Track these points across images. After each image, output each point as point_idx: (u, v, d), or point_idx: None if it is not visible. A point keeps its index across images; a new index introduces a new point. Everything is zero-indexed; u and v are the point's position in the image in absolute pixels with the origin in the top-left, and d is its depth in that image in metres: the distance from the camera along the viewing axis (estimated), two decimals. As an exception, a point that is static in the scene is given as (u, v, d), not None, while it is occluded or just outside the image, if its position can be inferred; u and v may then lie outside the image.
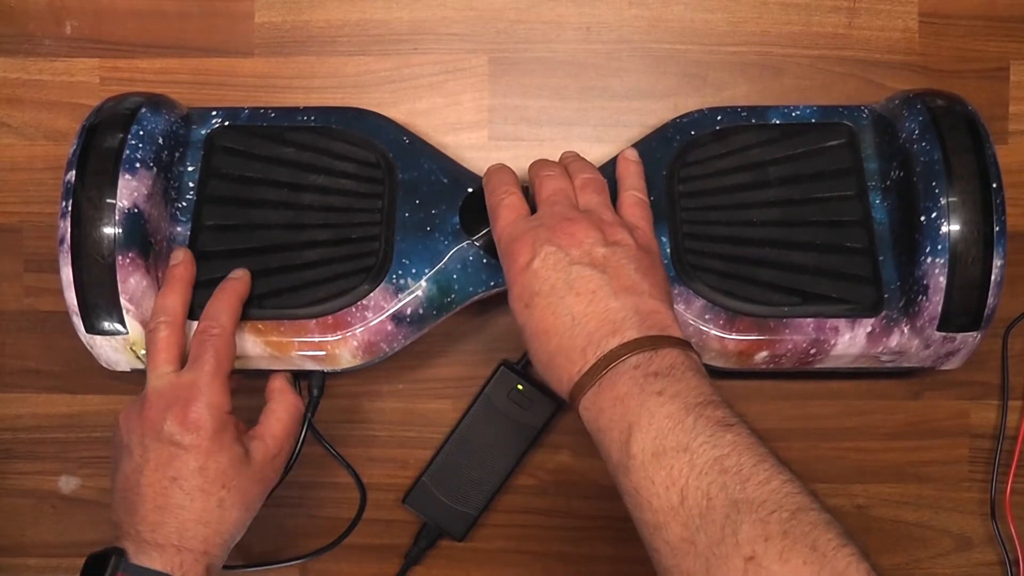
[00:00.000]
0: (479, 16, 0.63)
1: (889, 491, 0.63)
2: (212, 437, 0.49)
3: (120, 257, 0.52)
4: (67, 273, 0.53)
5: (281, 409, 0.52)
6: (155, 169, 0.54)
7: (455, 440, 0.61)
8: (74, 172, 0.53)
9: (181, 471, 0.48)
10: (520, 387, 0.61)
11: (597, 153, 0.63)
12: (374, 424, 0.64)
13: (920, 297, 0.53)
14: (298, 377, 0.57)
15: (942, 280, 0.52)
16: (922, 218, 0.53)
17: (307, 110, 0.59)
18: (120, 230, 0.52)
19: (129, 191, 0.53)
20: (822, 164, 0.57)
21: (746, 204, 0.57)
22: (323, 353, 0.54)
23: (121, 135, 0.54)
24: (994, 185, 0.52)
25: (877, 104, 0.59)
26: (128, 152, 0.54)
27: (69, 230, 0.52)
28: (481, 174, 0.55)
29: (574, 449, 0.64)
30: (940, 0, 0.63)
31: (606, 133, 0.63)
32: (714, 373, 0.55)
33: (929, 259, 0.53)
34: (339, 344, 0.54)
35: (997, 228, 0.52)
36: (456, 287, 0.55)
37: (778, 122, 0.58)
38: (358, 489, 0.62)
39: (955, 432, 0.62)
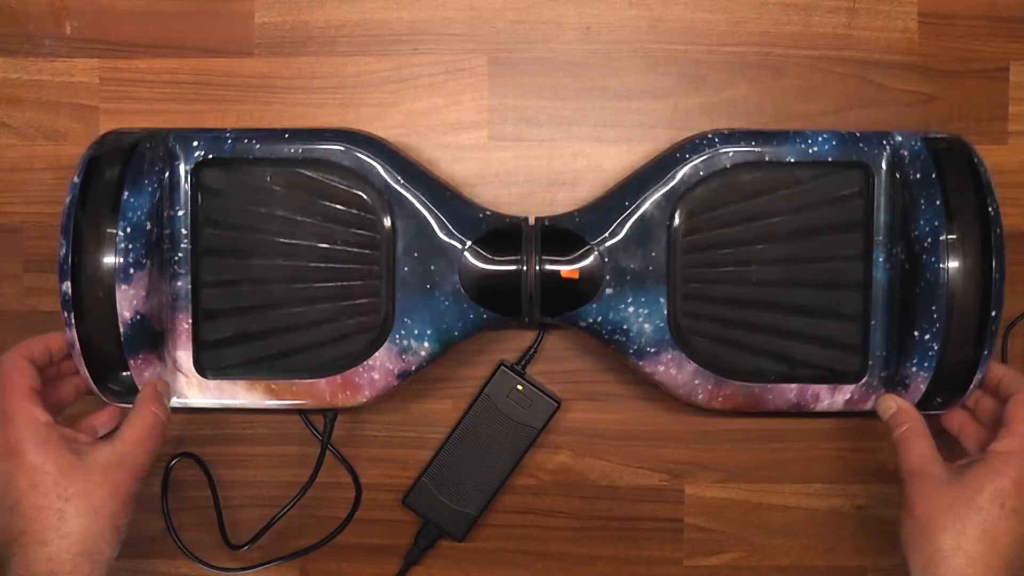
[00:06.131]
0: (479, 16, 0.63)
1: (889, 491, 0.63)
2: (35, 451, 0.49)
3: (132, 361, 0.53)
4: (84, 372, 0.53)
5: (137, 417, 0.52)
6: (148, 263, 0.52)
7: (455, 440, 0.61)
8: (69, 283, 0.51)
9: (15, 496, 0.49)
10: (520, 387, 0.61)
11: (596, 153, 0.63)
12: (374, 424, 0.64)
13: (899, 388, 0.55)
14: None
15: (923, 387, 0.54)
16: (915, 333, 0.53)
17: (293, 137, 0.56)
18: (127, 339, 0.52)
19: (128, 301, 0.52)
20: (831, 216, 0.56)
21: (747, 261, 0.56)
22: (336, 405, 0.57)
23: (110, 249, 0.51)
24: (993, 313, 0.52)
25: (899, 138, 0.55)
26: (120, 260, 0.51)
27: (77, 340, 0.52)
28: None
29: (574, 449, 0.64)
30: (940, 0, 0.63)
31: (605, 133, 0.63)
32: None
33: (915, 369, 0.54)
34: (349, 398, 0.57)
35: (986, 352, 0.53)
36: (457, 338, 0.57)
37: (792, 160, 0.55)
38: (354, 487, 0.63)
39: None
